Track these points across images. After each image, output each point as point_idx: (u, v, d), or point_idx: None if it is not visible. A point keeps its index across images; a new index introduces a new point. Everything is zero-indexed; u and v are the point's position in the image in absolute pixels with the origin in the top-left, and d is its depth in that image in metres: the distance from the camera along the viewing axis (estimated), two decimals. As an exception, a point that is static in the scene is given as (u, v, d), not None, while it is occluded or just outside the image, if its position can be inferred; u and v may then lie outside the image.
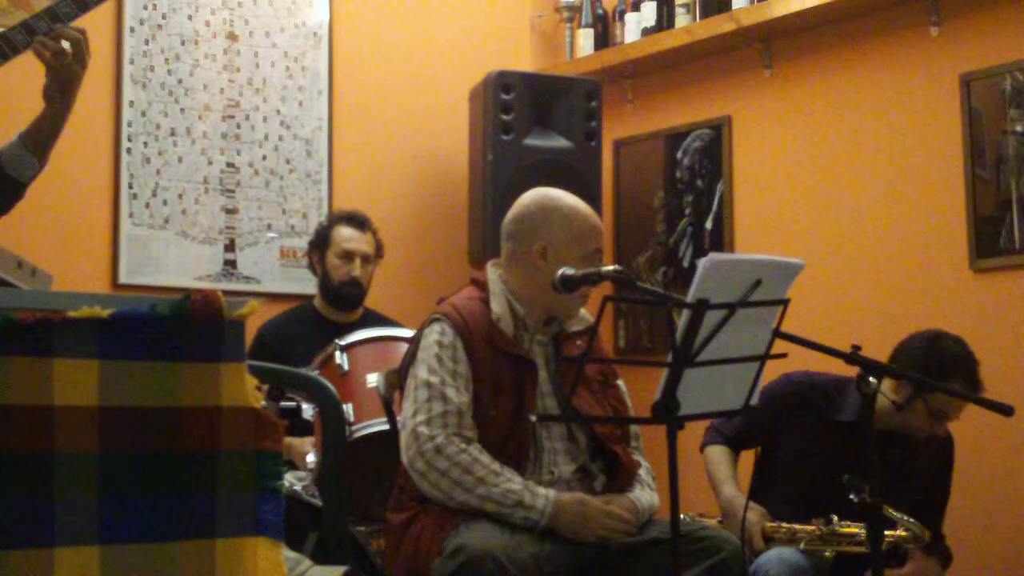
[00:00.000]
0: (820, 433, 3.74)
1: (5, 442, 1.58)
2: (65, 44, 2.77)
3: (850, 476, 3.39)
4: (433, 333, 3.09)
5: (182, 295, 1.72)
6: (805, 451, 3.76)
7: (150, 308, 1.67)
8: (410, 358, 3.14)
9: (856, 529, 3.50)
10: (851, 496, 3.33)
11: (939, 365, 3.61)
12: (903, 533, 3.51)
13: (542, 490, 2.98)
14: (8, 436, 1.58)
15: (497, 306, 3.13)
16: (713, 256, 2.68)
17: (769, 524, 3.60)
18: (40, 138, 2.87)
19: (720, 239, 5.24)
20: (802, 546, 3.52)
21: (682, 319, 2.66)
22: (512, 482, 2.96)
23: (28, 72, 3.03)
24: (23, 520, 1.59)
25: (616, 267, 3.00)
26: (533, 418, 2.94)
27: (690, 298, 2.63)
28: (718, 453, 3.85)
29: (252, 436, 1.74)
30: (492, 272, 3.22)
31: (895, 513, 3.48)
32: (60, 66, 2.76)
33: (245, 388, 1.74)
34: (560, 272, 3.04)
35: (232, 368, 1.74)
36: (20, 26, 2.77)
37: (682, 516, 3.62)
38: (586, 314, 3.25)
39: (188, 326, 1.70)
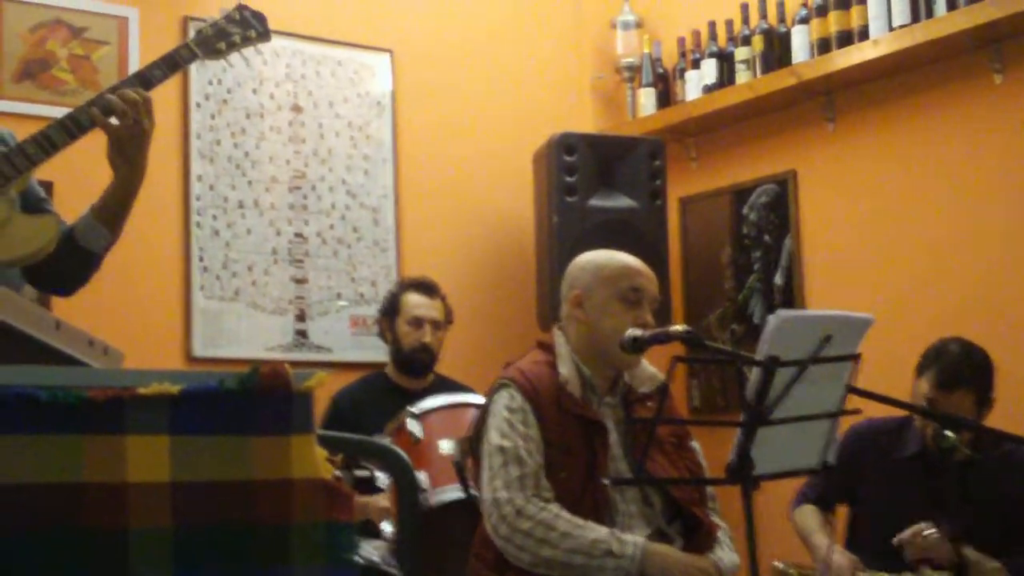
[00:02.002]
0: (892, 474, 3.71)
1: (81, 519, 1.60)
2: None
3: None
4: (502, 399, 3.09)
5: (251, 368, 1.73)
6: (884, 496, 3.73)
7: (219, 383, 1.69)
8: (480, 424, 3.15)
9: None
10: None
11: (925, 355, 3.66)
12: None
13: (629, 537, 2.96)
14: (84, 514, 1.60)
15: (564, 369, 3.13)
16: (782, 313, 2.67)
17: (860, 574, 3.55)
18: (110, 208, 2.90)
19: (790, 294, 5.20)
20: None
21: (753, 377, 2.64)
22: (598, 531, 2.95)
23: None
24: (99, 597, 1.60)
25: (684, 327, 2.99)
26: (606, 481, 2.93)
27: (760, 356, 2.61)
28: (806, 512, 3.82)
29: (324, 508, 1.74)
30: (558, 335, 3.23)
31: (974, 554, 3.41)
32: (115, 133, 2.79)
33: (315, 460, 1.75)
34: (628, 333, 3.04)
35: (302, 440, 1.74)
36: (87, 104, 2.82)
37: (777, 563, 3.61)
38: (656, 373, 3.24)
39: (257, 400, 1.71)
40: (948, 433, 3.31)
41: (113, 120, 2.81)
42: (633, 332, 3.04)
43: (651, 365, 3.25)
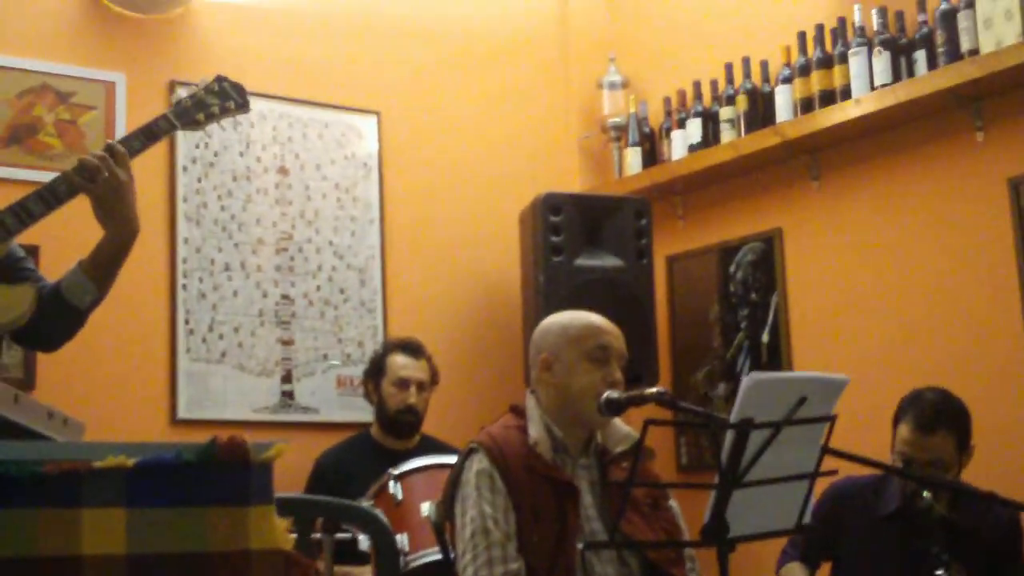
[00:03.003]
0: (872, 532, 3.70)
1: (35, 594, 1.59)
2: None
3: (938, 549, 3.37)
4: (471, 464, 3.10)
5: (208, 440, 1.73)
6: (863, 555, 3.72)
7: (175, 455, 1.69)
8: (451, 489, 3.16)
9: None
10: (938, 572, 3.30)
11: (901, 404, 3.68)
12: None
13: None
14: (38, 588, 1.60)
15: (535, 431, 3.14)
16: (755, 375, 2.67)
17: None
18: (99, 264, 2.92)
19: (777, 351, 5.21)
20: None
21: (727, 439, 2.64)
22: None
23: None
24: (54, 672, 1.59)
25: (659, 389, 2.99)
26: (580, 545, 2.92)
27: (733, 418, 2.61)
28: (793, 570, 3.81)
29: (283, 578, 1.74)
30: (530, 398, 3.24)
31: None
32: (94, 192, 2.82)
33: (275, 530, 1.75)
34: (605, 396, 3.06)
35: (261, 511, 1.74)
36: (63, 173, 2.85)
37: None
38: (631, 432, 3.24)
39: (215, 471, 1.71)
40: (925, 494, 3.30)
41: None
42: (610, 394, 3.05)
43: (625, 424, 3.25)
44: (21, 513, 1.59)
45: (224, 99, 3.11)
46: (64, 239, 2.93)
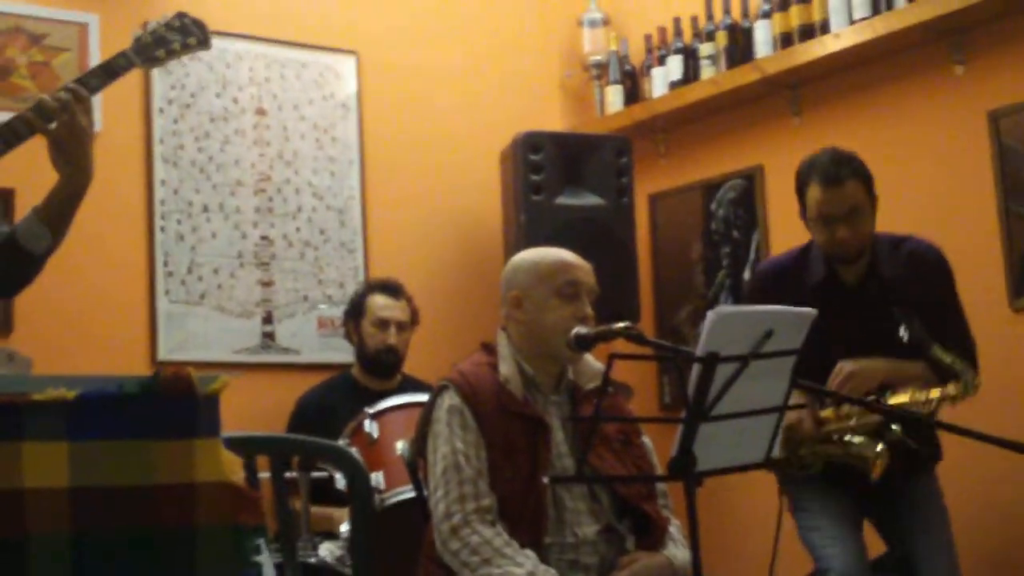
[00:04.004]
0: (809, 302, 3.71)
1: (-24, 528, 1.59)
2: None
3: (898, 310, 3.46)
4: (443, 401, 3.10)
5: (152, 372, 1.72)
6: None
7: (118, 388, 1.68)
8: (423, 427, 3.15)
9: (905, 397, 3.45)
10: (901, 332, 3.38)
11: (798, 175, 3.76)
12: (952, 390, 3.42)
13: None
14: (-21, 521, 1.59)
15: (505, 368, 3.13)
16: (720, 308, 2.65)
17: (822, 413, 3.57)
18: (53, 210, 2.88)
19: (758, 289, 5.18)
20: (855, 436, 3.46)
21: (693, 373, 2.63)
22: (518, 567, 2.91)
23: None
24: (-3, 605, 1.59)
25: (626, 324, 2.97)
26: (545, 479, 2.92)
27: (699, 352, 2.60)
28: None
29: (230, 511, 1.74)
30: (501, 335, 3.23)
31: (944, 354, 3.41)
32: (52, 135, 2.78)
33: (221, 463, 1.74)
34: (574, 332, 3.05)
35: (207, 444, 1.74)
36: (22, 112, 2.81)
37: None
38: (602, 369, 3.23)
39: (160, 404, 1.71)
40: (893, 426, 3.30)
41: (52, 124, 2.81)
42: (579, 330, 3.04)
43: (597, 361, 3.24)
44: (-39, 446, 1.59)
45: (185, 35, 3.07)
46: (39, 183, 2.90)
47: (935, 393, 3.42)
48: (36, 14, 4.71)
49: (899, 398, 3.47)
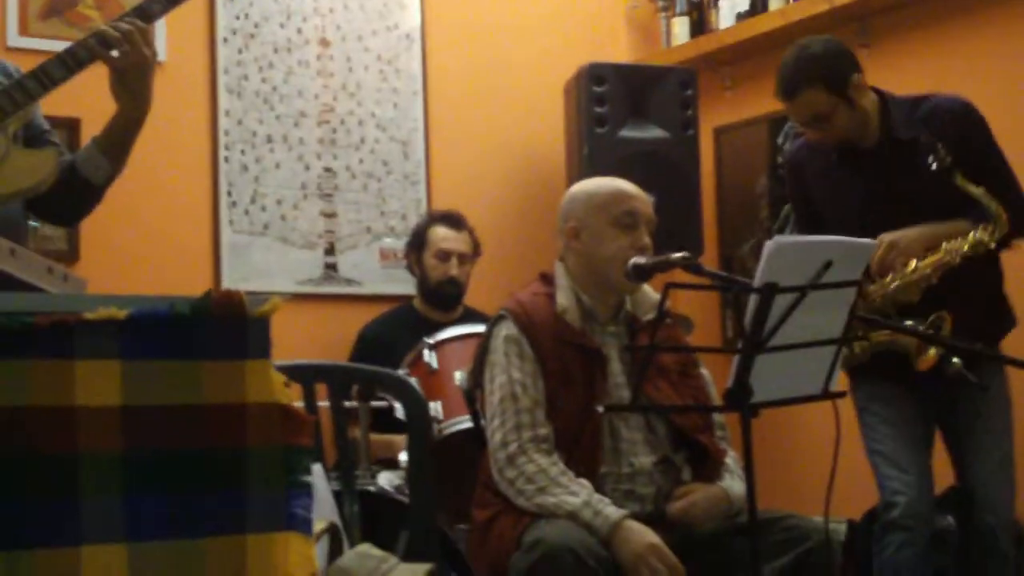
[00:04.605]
0: (832, 179, 3.73)
1: (30, 443, 1.61)
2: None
3: (924, 139, 3.45)
4: (499, 331, 3.10)
5: (204, 293, 1.72)
6: (828, 202, 3.76)
7: (169, 308, 1.69)
8: (481, 356, 3.16)
9: (939, 253, 3.43)
10: (930, 161, 3.35)
11: None
12: (983, 235, 3.39)
13: (607, 509, 2.90)
14: (32, 437, 1.61)
15: (563, 298, 3.12)
16: (779, 239, 2.63)
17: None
18: (112, 139, 2.89)
19: (824, 224, 5.12)
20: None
21: (750, 304, 2.61)
22: (573, 495, 2.91)
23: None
24: (49, 520, 1.61)
25: (684, 254, 2.95)
26: (600, 408, 2.91)
27: (757, 282, 2.58)
28: None
29: (280, 432, 1.75)
30: (558, 266, 3.23)
31: (967, 184, 3.36)
32: (115, 64, 2.79)
33: (272, 385, 1.75)
34: (631, 262, 3.03)
35: (258, 365, 1.74)
36: (85, 38, 2.82)
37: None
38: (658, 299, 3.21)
39: (210, 325, 1.71)
40: (955, 359, 3.25)
41: (114, 52, 2.81)
42: (636, 260, 3.03)
43: (656, 292, 3.22)
44: (11, 364, 1.60)
45: None
46: (105, 112, 2.92)
47: (969, 239, 3.38)
48: (102, -57, 4.72)
49: (934, 256, 3.42)
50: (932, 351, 3.33)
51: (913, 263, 3.42)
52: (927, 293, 3.42)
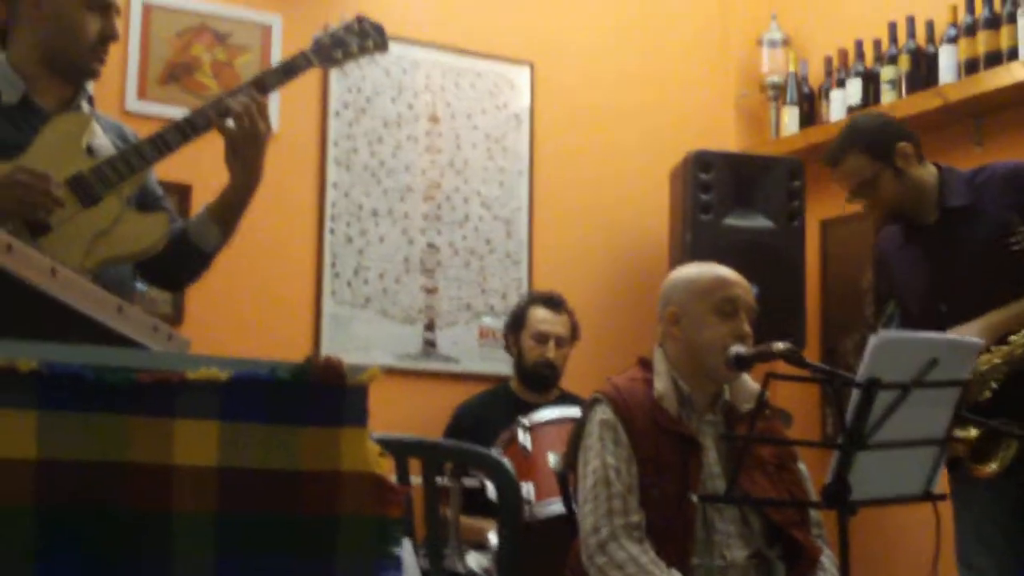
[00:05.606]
0: (902, 262, 3.78)
1: (125, 499, 1.62)
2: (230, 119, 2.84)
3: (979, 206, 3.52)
4: (595, 415, 3.08)
5: (305, 359, 1.73)
6: (900, 286, 3.82)
7: (270, 372, 1.69)
8: (575, 439, 3.14)
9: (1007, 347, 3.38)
10: (1013, 242, 3.40)
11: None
12: None
13: None
14: (128, 493, 1.62)
15: (660, 384, 3.09)
16: (884, 334, 2.60)
17: None
18: (224, 209, 2.95)
19: (929, 322, 5.04)
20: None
21: (852, 399, 2.57)
22: None
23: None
24: (141, 577, 1.62)
25: (787, 344, 2.91)
26: (694, 498, 2.87)
27: (860, 377, 2.54)
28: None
29: (372, 502, 1.74)
30: (658, 352, 3.21)
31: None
32: (231, 136, 2.85)
33: (367, 454, 1.74)
34: (732, 350, 3.00)
35: (353, 433, 1.74)
36: (204, 107, 2.88)
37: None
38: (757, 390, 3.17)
39: (309, 391, 1.72)
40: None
41: (230, 123, 2.87)
42: (737, 349, 3.00)
43: (755, 382, 3.18)
44: (115, 419, 1.61)
45: (363, 38, 3.12)
46: (217, 179, 2.97)
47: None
48: (222, 13, 4.84)
49: (1001, 350, 3.36)
50: (994, 465, 3.27)
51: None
52: (1000, 395, 3.36)
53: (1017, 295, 3.46)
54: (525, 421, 4.00)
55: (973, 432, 3.27)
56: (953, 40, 4.86)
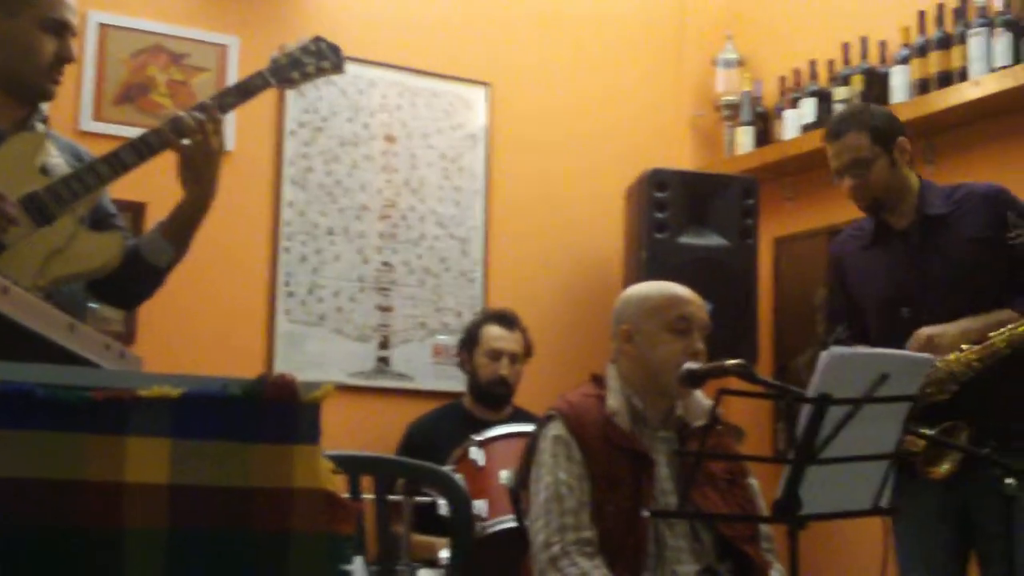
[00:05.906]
0: (864, 265, 3.80)
1: (77, 517, 1.62)
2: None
3: (1011, 215, 3.52)
4: (548, 431, 3.10)
5: (258, 376, 1.74)
6: (860, 288, 3.82)
7: (222, 388, 1.70)
8: (528, 456, 3.15)
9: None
10: (1011, 235, 3.47)
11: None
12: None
13: None
14: (80, 511, 1.62)
15: (613, 401, 3.12)
16: (834, 350, 2.62)
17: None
18: (176, 226, 2.95)
19: (881, 339, 5.09)
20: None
21: (803, 415, 2.59)
22: None
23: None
24: (92, 595, 1.61)
25: (738, 361, 2.94)
26: (646, 513, 2.89)
27: (811, 393, 2.56)
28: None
29: (324, 519, 1.75)
30: (611, 368, 3.23)
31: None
32: (185, 152, 2.85)
33: (319, 471, 1.75)
34: (685, 367, 3.02)
35: (306, 451, 1.75)
36: (159, 126, 2.88)
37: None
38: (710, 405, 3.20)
39: (261, 407, 1.72)
40: (1008, 480, 3.19)
41: (185, 141, 2.87)
42: (689, 366, 3.02)
43: (707, 398, 3.20)
44: (68, 437, 1.62)
45: (320, 59, 3.13)
46: (170, 197, 2.97)
47: (1004, 333, 3.39)
48: (178, 34, 4.84)
49: (975, 349, 3.40)
50: (946, 466, 3.31)
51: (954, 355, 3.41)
52: (958, 396, 3.40)
53: (983, 308, 3.51)
54: (477, 437, 4.01)
55: (921, 443, 3.30)
56: (905, 60, 4.92)
